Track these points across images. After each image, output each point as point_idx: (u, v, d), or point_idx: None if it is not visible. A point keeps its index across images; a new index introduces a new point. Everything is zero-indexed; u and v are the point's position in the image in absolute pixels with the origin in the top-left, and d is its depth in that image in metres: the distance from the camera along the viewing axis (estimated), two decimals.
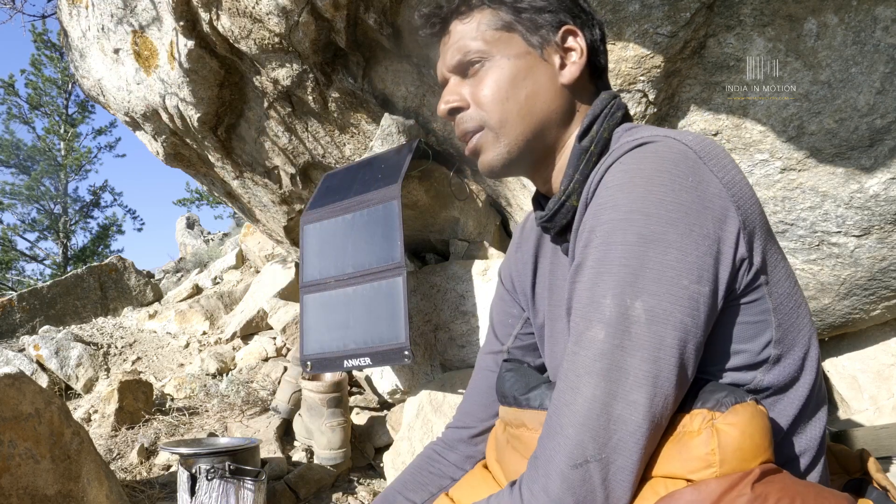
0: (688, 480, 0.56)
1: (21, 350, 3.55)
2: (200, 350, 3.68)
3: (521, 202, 2.28)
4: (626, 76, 1.59)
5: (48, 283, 4.48)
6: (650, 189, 0.62)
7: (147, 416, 2.66)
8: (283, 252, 4.20)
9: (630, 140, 0.67)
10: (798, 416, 0.68)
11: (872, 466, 0.77)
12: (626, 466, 0.58)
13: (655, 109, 1.64)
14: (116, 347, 3.76)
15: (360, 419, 2.52)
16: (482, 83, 0.78)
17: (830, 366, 2.27)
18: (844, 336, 2.26)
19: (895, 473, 1.85)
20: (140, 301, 5.00)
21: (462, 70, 0.80)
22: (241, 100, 2.54)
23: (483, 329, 2.13)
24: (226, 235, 8.15)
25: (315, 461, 2.27)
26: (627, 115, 0.80)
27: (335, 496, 2.13)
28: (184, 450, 1.79)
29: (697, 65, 1.58)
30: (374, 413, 2.55)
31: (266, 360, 3.25)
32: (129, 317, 4.45)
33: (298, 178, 2.77)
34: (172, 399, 2.98)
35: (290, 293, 3.73)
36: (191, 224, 9.03)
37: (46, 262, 14.86)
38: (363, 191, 2.15)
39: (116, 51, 2.57)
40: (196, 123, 2.55)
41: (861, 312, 1.98)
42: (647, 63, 1.55)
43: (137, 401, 2.68)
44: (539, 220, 0.82)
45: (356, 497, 2.15)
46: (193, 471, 1.75)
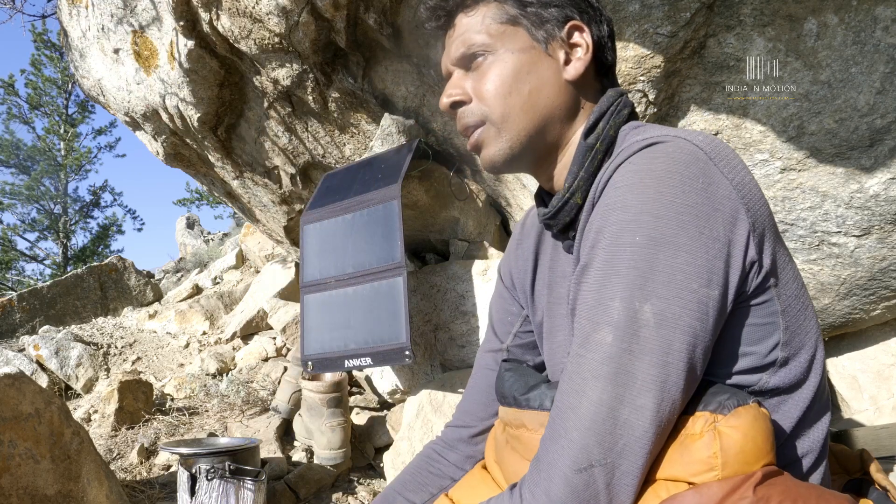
0: (690, 483, 0.56)
1: (21, 350, 3.55)
2: (200, 350, 3.68)
3: (522, 202, 2.28)
4: (626, 76, 1.58)
5: (48, 283, 4.48)
6: (660, 190, 0.61)
7: (147, 416, 2.66)
8: (283, 252, 4.19)
9: (639, 139, 0.67)
10: (802, 419, 0.67)
11: (873, 466, 0.77)
12: (631, 471, 0.57)
13: (655, 109, 1.64)
14: (116, 347, 3.76)
15: (360, 419, 2.52)
16: (485, 77, 0.77)
17: (830, 366, 2.27)
18: (844, 336, 2.26)
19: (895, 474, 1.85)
20: (140, 301, 5.00)
21: (465, 63, 0.80)
22: (241, 100, 2.54)
23: (483, 329, 2.13)
24: (226, 235, 8.14)
25: (315, 461, 2.27)
26: (634, 113, 0.79)
27: (335, 496, 2.13)
28: (184, 450, 1.79)
29: (697, 65, 1.58)
30: (374, 413, 2.55)
31: (266, 360, 3.25)
32: (129, 317, 4.44)
33: (298, 178, 2.77)
34: (172, 399, 2.98)
35: (290, 293, 3.73)
36: (191, 224, 9.02)
37: (46, 262, 14.86)
38: (363, 191, 2.15)
39: (116, 51, 2.56)
40: (196, 123, 2.55)
41: (861, 312, 1.98)
42: (647, 63, 1.55)
43: (137, 401, 2.68)
44: (542, 217, 0.81)
45: (356, 497, 2.15)
46: (193, 471, 1.75)
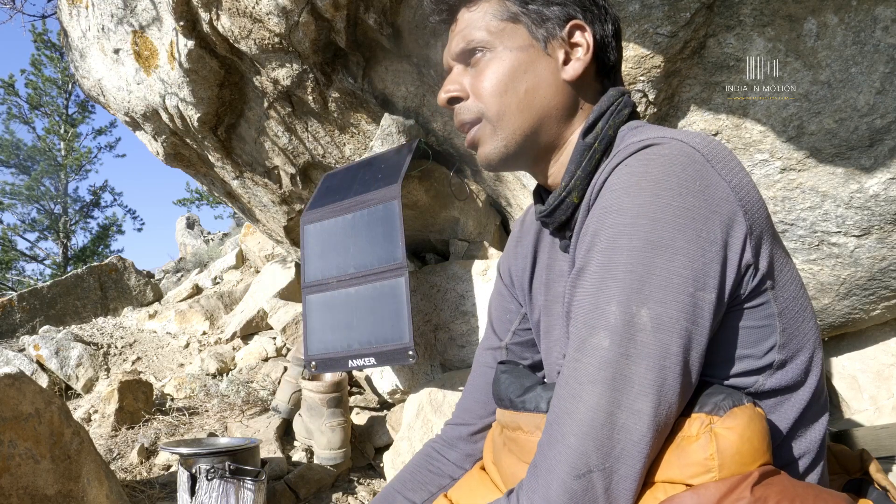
0: (687, 485, 0.56)
1: (21, 350, 3.55)
2: (200, 350, 3.68)
3: (521, 202, 2.28)
4: (626, 76, 1.58)
5: (48, 283, 4.48)
6: (657, 193, 0.61)
7: (147, 416, 2.66)
8: (283, 252, 4.19)
9: (636, 141, 0.66)
10: (799, 420, 0.67)
11: (872, 466, 0.77)
12: (630, 475, 0.57)
13: (655, 109, 1.64)
14: (116, 347, 3.76)
15: (360, 419, 2.52)
16: (482, 74, 0.77)
17: (830, 366, 2.27)
18: (844, 336, 2.25)
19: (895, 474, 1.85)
20: (140, 301, 5.00)
21: (465, 59, 0.79)
22: (241, 100, 2.54)
23: (483, 329, 2.13)
24: (226, 235, 8.14)
25: (315, 461, 2.27)
26: (635, 113, 0.78)
27: (335, 496, 2.13)
28: (184, 450, 1.79)
29: (697, 65, 1.58)
30: (374, 413, 2.55)
31: (266, 360, 3.25)
32: (129, 317, 4.44)
33: (298, 178, 2.77)
34: (172, 399, 2.98)
35: (290, 293, 3.73)
36: (191, 224, 9.02)
37: (46, 262, 14.87)
38: (363, 191, 2.15)
39: (116, 51, 2.56)
40: (196, 123, 2.55)
41: (861, 312, 1.98)
42: (647, 63, 1.55)
43: (137, 401, 2.69)
44: (538, 215, 0.81)
45: (356, 497, 2.15)
46: (193, 471, 1.75)
